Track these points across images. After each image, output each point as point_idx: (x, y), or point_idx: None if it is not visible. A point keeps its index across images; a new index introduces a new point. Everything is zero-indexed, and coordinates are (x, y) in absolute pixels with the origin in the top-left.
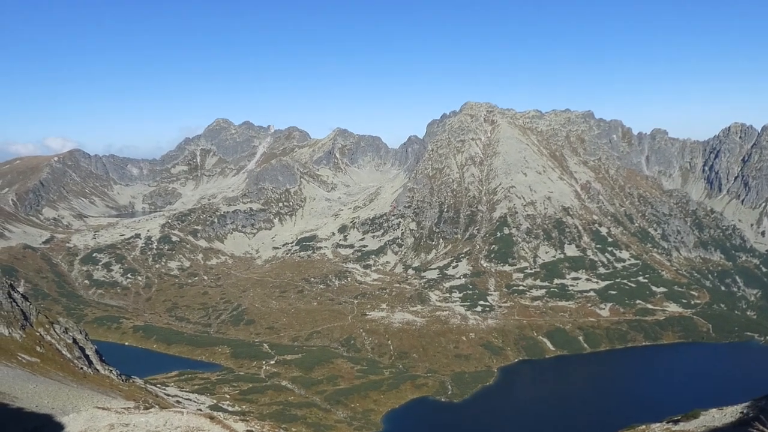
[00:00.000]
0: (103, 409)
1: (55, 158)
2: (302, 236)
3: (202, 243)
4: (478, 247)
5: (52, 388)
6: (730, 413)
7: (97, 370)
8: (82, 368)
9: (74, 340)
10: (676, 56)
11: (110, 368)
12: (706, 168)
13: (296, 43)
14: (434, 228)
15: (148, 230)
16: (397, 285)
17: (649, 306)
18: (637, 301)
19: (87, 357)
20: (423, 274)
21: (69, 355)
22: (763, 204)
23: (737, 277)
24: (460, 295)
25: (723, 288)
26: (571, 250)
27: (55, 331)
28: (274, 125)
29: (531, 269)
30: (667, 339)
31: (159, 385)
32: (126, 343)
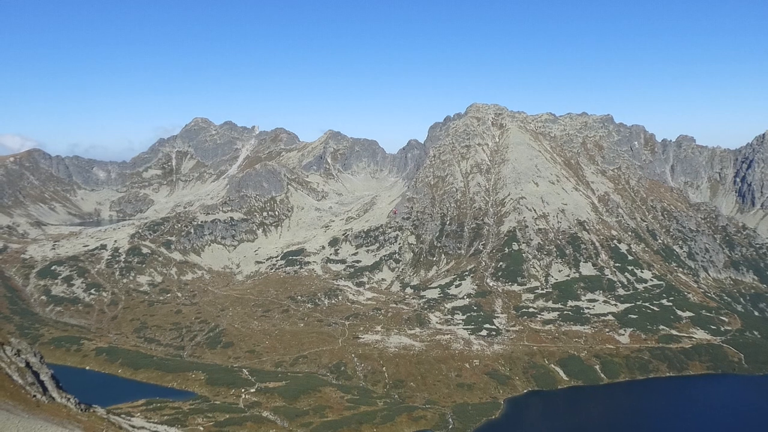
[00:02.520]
0: None
1: (11, 159)
2: (289, 249)
3: (176, 256)
4: (483, 264)
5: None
6: None
7: (53, 398)
8: (35, 396)
9: (27, 364)
10: (705, 57)
11: (68, 396)
12: (738, 179)
13: (284, 36)
14: (435, 242)
15: (115, 241)
16: (394, 305)
17: (674, 332)
18: (661, 327)
19: (42, 383)
20: (422, 293)
21: (21, 381)
22: None
23: None
24: (464, 317)
25: (756, 313)
26: (587, 269)
27: (5, 354)
28: (259, 126)
29: (542, 289)
30: (694, 369)
31: (123, 416)
32: (87, 368)
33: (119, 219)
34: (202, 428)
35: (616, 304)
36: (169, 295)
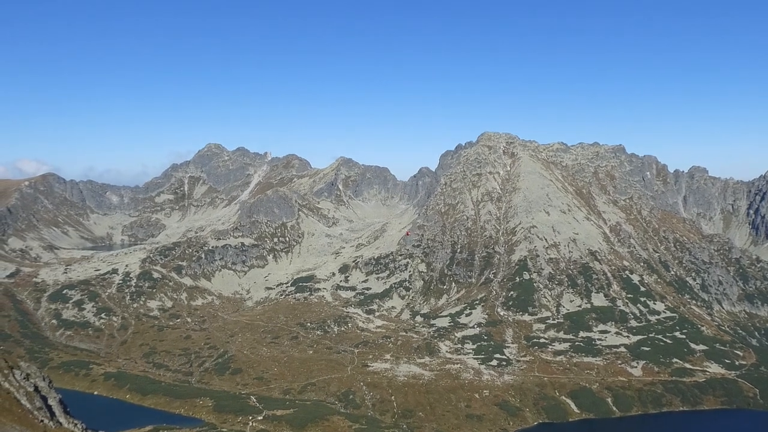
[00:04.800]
0: None
1: (26, 183)
2: (299, 276)
3: (187, 281)
4: (494, 293)
5: None
6: None
7: (60, 423)
8: (42, 421)
9: (36, 388)
10: (718, 88)
11: (75, 421)
12: (751, 212)
13: (298, 65)
14: (446, 270)
15: (126, 265)
16: (403, 333)
17: (687, 366)
18: (674, 360)
19: (49, 408)
20: (432, 321)
21: (29, 405)
22: None
23: None
24: (474, 346)
25: None
26: (598, 300)
27: (14, 378)
28: (272, 152)
29: (553, 320)
30: (708, 404)
31: None
32: (95, 393)
33: (131, 243)
34: None
35: (628, 336)
36: (178, 320)
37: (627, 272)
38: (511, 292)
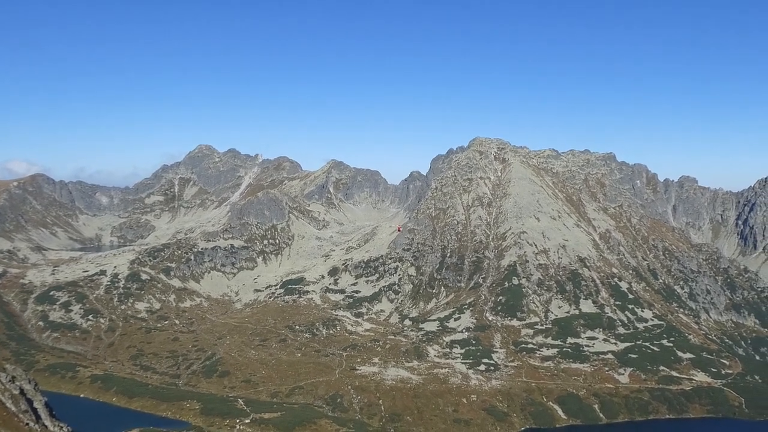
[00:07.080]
0: None
1: (15, 183)
2: (288, 278)
3: (176, 282)
4: (483, 297)
5: None
6: None
7: (46, 426)
8: (27, 424)
9: (21, 391)
10: (708, 99)
11: (61, 424)
12: (740, 222)
13: (291, 67)
14: (435, 274)
15: (115, 266)
16: (392, 337)
17: (674, 374)
18: (661, 368)
19: (35, 411)
20: (421, 325)
21: (14, 408)
22: None
23: None
24: (462, 351)
25: (758, 358)
26: (587, 306)
27: None
28: (263, 154)
29: (542, 325)
30: (694, 412)
31: None
32: (81, 395)
33: (120, 245)
34: None
35: (616, 343)
36: (166, 322)
37: (616, 279)
38: (500, 297)
